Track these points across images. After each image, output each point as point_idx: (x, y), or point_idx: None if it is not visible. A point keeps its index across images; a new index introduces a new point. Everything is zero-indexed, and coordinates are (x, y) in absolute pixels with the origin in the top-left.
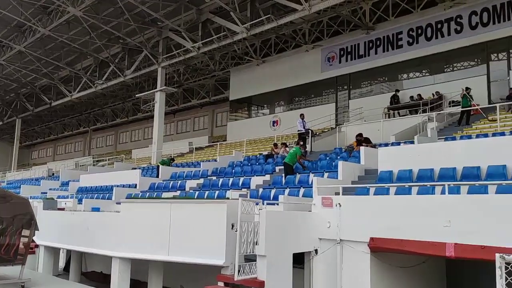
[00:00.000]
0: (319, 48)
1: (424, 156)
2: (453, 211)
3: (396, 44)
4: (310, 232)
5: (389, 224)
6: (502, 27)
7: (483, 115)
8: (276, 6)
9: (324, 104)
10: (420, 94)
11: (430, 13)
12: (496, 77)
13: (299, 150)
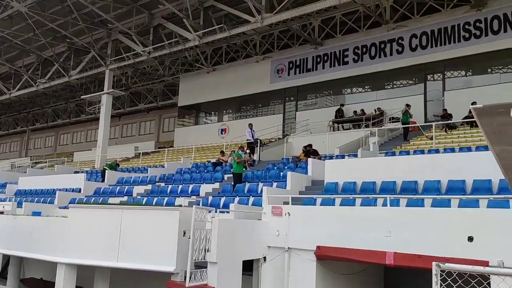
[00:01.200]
0: (269, 59)
1: (367, 170)
2: (393, 222)
3: (342, 61)
4: (259, 240)
5: (335, 233)
6: (439, 51)
7: (422, 131)
8: (229, 16)
9: (272, 114)
10: (363, 109)
11: (375, 34)
12: (432, 97)
13: (236, 154)
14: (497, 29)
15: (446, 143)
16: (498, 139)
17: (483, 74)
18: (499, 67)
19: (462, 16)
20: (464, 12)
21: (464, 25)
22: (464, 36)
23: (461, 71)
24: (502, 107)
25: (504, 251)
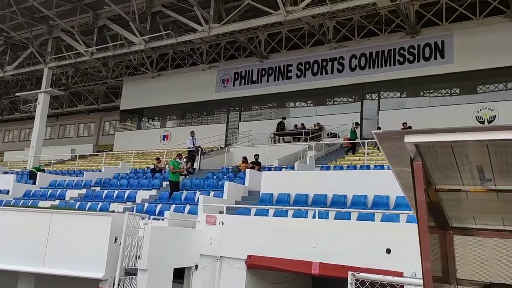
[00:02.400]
0: (215, 69)
1: (302, 182)
2: (320, 233)
3: (286, 75)
4: (192, 248)
5: (266, 243)
6: (375, 73)
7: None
8: (177, 23)
9: (216, 123)
10: (303, 123)
11: (317, 51)
12: (368, 115)
13: (172, 162)
14: (428, 56)
15: (377, 160)
16: (397, 161)
17: (415, 97)
18: (429, 91)
19: (397, 42)
20: (400, 38)
21: (399, 50)
22: (399, 60)
23: (395, 93)
24: (398, 134)
25: (417, 263)
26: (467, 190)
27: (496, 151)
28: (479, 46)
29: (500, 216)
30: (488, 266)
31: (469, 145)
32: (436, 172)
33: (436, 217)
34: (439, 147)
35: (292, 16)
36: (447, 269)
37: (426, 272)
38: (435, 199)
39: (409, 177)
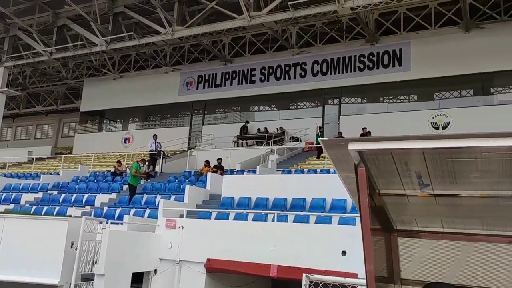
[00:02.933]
0: (179, 71)
1: (263, 186)
2: (279, 237)
3: (250, 79)
4: (151, 252)
5: (226, 247)
6: (337, 78)
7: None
8: (139, 24)
9: (179, 126)
10: (266, 127)
11: (280, 56)
12: (330, 120)
13: (135, 165)
14: (387, 63)
15: None
16: (343, 167)
17: (375, 103)
18: (388, 98)
19: (358, 49)
20: (360, 45)
21: (359, 56)
22: (359, 66)
23: (356, 98)
24: (343, 141)
25: None
26: (408, 194)
27: (432, 158)
28: (435, 55)
29: (439, 219)
30: (429, 266)
31: (407, 153)
32: (379, 178)
33: (381, 220)
34: (380, 154)
35: (256, 21)
36: (392, 270)
37: (369, 273)
38: (379, 203)
39: (354, 183)
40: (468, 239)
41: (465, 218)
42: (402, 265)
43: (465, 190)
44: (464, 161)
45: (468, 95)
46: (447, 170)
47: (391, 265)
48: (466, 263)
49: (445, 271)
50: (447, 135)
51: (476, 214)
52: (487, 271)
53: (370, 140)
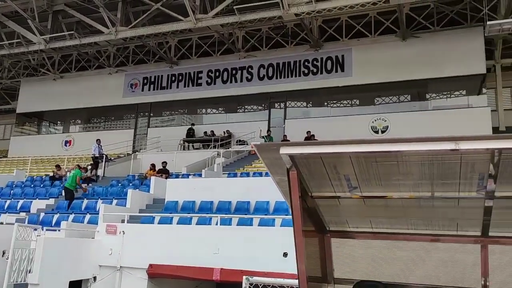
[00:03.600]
0: (123, 73)
1: (207, 189)
2: (223, 240)
3: (197, 82)
4: (90, 259)
5: (169, 252)
6: (282, 83)
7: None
8: (81, 23)
9: (124, 129)
10: (213, 130)
11: (227, 60)
12: (276, 123)
13: (79, 172)
14: (330, 68)
15: None
16: (276, 171)
17: (319, 107)
18: (332, 102)
19: (302, 54)
20: (305, 50)
21: (304, 62)
22: (304, 71)
23: (301, 102)
24: (274, 146)
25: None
26: (339, 196)
27: (358, 162)
28: (375, 62)
29: (368, 220)
30: (361, 265)
31: (336, 157)
32: (311, 181)
33: (315, 222)
34: (311, 158)
35: (202, 24)
36: (325, 270)
37: (301, 273)
38: (312, 205)
39: (287, 186)
40: (395, 238)
41: (391, 218)
42: (335, 264)
43: (390, 192)
44: (388, 165)
45: (406, 100)
46: (373, 173)
47: (325, 265)
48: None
49: (376, 270)
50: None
51: (401, 214)
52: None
53: (300, 144)
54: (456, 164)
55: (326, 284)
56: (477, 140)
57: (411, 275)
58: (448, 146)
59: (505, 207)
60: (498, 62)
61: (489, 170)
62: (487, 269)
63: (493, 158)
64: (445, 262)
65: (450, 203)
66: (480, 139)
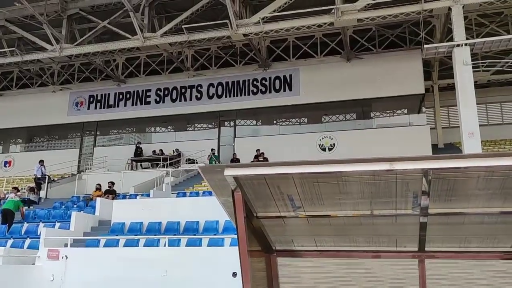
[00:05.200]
0: (68, 91)
1: (155, 210)
2: (171, 261)
3: (145, 100)
4: (30, 286)
5: (115, 275)
6: (232, 101)
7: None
8: (23, 40)
9: (68, 148)
10: (162, 149)
11: (176, 78)
12: (225, 142)
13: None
14: (278, 88)
15: None
16: (221, 192)
17: (269, 125)
18: (281, 120)
19: (251, 73)
20: (253, 70)
21: (253, 81)
22: (253, 90)
23: (251, 121)
24: (219, 167)
25: None
26: (283, 216)
27: (301, 183)
28: (321, 81)
29: (313, 238)
30: (306, 283)
31: (279, 178)
32: (256, 201)
33: (261, 242)
34: (255, 179)
35: (150, 42)
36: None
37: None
38: (257, 225)
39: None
40: (339, 256)
41: (335, 236)
42: (282, 283)
43: (332, 210)
44: (329, 185)
45: (352, 118)
46: (315, 192)
47: (271, 284)
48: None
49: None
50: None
51: (344, 232)
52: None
53: (244, 166)
54: (392, 183)
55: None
56: (409, 161)
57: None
58: (383, 166)
59: (438, 223)
60: (436, 82)
61: (422, 189)
62: (425, 282)
63: (425, 178)
64: (386, 277)
65: (388, 221)
66: (412, 160)
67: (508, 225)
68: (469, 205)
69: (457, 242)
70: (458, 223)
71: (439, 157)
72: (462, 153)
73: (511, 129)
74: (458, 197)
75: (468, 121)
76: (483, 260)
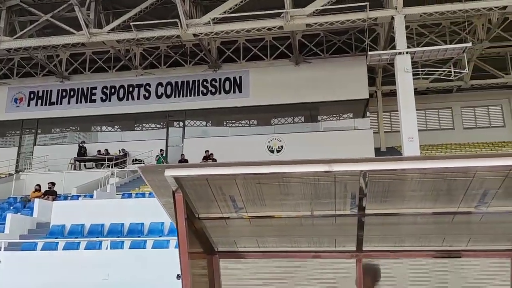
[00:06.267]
0: (6, 86)
1: (98, 211)
2: (113, 264)
3: (90, 98)
4: None
5: (53, 280)
6: (181, 101)
7: None
8: None
9: (6, 147)
10: (107, 149)
11: (124, 76)
12: (174, 142)
13: None
14: (228, 89)
15: None
16: (162, 193)
17: (218, 126)
18: (231, 122)
19: (201, 74)
20: (203, 70)
21: (203, 81)
22: (203, 91)
23: (201, 122)
24: (159, 168)
25: None
26: (226, 217)
27: (243, 183)
28: (271, 84)
29: (255, 239)
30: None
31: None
32: (198, 202)
33: (203, 243)
34: (197, 180)
35: (96, 38)
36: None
37: None
38: (199, 226)
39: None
40: (281, 256)
41: (276, 237)
42: (224, 285)
43: (274, 211)
44: (270, 185)
45: (300, 121)
46: (256, 193)
47: (213, 286)
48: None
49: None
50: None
51: (285, 233)
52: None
53: (186, 166)
54: (331, 185)
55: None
56: (347, 162)
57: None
58: (322, 168)
59: (375, 224)
60: (379, 88)
61: (360, 190)
62: (361, 280)
63: (362, 179)
64: (326, 277)
65: (328, 221)
66: (350, 162)
67: (439, 225)
68: (403, 206)
69: (392, 241)
70: (393, 223)
71: (376, 159)
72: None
73: (447, 134)
74: (393, 198)
75: (408, 126)
76: (416, 259)
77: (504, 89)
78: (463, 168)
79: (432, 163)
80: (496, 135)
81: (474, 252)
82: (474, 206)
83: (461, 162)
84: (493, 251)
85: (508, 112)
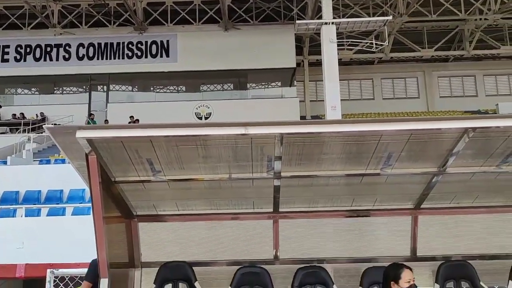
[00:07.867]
0: None
1: (13, 178)
2: (28, 233)
3: (3, 57)
4: None
5: None
6: (104, 64)
7: None
8: None
9: None
10: (23, 113)
11: (40, 35)
12: (97, 107)
13: None
14: (155, 53)
15: None
16: (74, 156)
17: (144, 92)
18: (158, 87)
19: (126, 36)
20: (129, 32)
21: (128, 44)
22: (128, 54)
23: (127, 86)
24: (70, 129)
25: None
26: (143, 181)
27: (159, 146)
28: (199, 49)
29: (174, 202)
30: (168, 248)
31: (136, 141)
32: (114, 166)
33: (121, 207)
34: (111, 142)
35: None
36: (132, 255)
37: (102, 260)
38: (116, 191)
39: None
40: (200, 219)
41: (195, 200)
42: (143, 249)
43: (192, 174)
44: (188, 148)
45: (229, 89)
46: (174, 156)
47: (132, 250)
48: (201, 241)
49: (184, 250)
50: (169, 124)
51: (204, 196)
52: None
53: (98, 128)
54: (248, 148)
55: (134, 269)
56: (263, 125)
57: (217, 253)
58: (239, 130)
59: (290, 186)
60: (306, 58)
61: (275, 153)
62: (278, 241)
63: (278, 142)
64: (244, 238)
65: (246, 184)
66: (266, 125)
67: (349, 187)
68: (317, 168)
69: (307, 202)
70: (307, 185)
71: (290, 122)
72: None
73: (368, 104)
74: (307, 161)
75: (331, 95)
76: (328, 219)
77: (420, 62)
78: (370, 132)
79: (342, 127)
80: (411, 106)
81: (380, 211)
82: (380, 168)
83: (368, 126)
84: (397, 210)
85: (423, 84)
